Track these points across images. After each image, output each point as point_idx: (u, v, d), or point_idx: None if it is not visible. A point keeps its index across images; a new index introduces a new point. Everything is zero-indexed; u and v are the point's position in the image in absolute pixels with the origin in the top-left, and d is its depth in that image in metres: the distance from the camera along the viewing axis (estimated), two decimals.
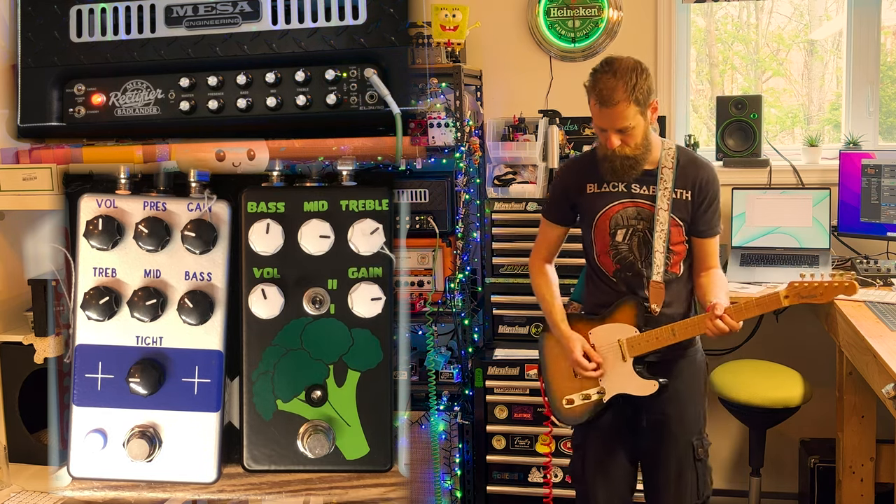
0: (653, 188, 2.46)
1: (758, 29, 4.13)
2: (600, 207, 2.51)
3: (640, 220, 2.47)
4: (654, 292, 2.46)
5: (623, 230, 2.49)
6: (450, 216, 3.40)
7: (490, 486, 3.42)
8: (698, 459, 2.54)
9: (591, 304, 2.62)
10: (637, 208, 2.47)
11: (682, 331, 2.40)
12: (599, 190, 2.51)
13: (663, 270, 2.45)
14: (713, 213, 2.49)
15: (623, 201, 2.48)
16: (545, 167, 3.46)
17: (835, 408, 3.33)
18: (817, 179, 3.62)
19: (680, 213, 2.46)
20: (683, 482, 2.53)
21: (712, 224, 2.50)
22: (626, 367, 2.45)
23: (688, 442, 2.53)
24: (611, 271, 2.53)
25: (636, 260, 2.48)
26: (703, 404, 2.60)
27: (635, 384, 2.45)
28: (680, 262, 2.50)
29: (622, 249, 2.49)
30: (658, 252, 2.44)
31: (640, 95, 2.33)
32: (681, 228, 2.47)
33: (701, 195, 2.46)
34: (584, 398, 2.52)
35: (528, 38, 3.82)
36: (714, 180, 2.49)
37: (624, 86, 2.31)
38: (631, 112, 2.33)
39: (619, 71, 2.33)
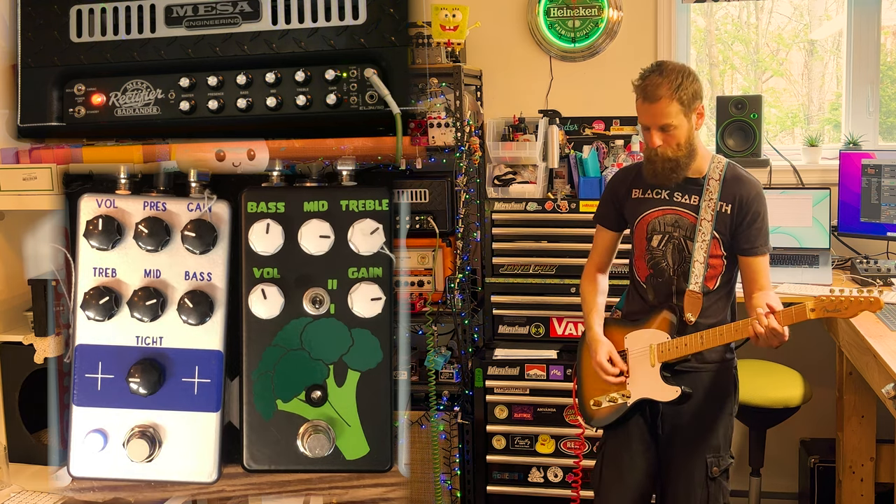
0: (695, 198, 2.45)
1: (758, 29, 4.13)
2: (641, 212, 2.52)
3: (678, 227, 2.47)
4: (690, 302, 2.44)
5: (659, 236, 2.49)
6: (450, 216, 3.40)
7: (490, 486, 3.42)
8: (711, 478, 2.49)
9: (626, 310, 2.63)
10: (676, 216, 2.47)
11: (710, 338, 2.37)
12: (643, 196, 2.53)
13: (701, 281, 2.43)
14: (756, 231, 2.44)
15: (663, 208, 2.49)
16: (545, 167, 3.45)
17: (835, 408, 3.34)
18: (817, 179, 3.62)
19: (720, 225, 2.43)
20: (692, 498, 2.50)
21: (756, 243, 2.44)
22: (653, 372, 2.44)
23: (702, 458, 2.49)
24: (643, 277, 2.54)
25: (668, 267, 2.48)
26: (728, 423, 2.55)
27: (659, 389, 2.43)
28: (716, 276, 2.47)
29: (656, 255, 2.50)
30: (697, 262, 2.43)
31: (684, 95, 2.35)
32: (719, 242, 2.45)
33: (742, 211, 2.42)
34: (609, 401, 2.52)
35: (528, 38, 3.82)
36: (757, 197, 2.44)
37: (669, 84, 2.34)
38: (673, 110, 2.34)
39: (665, 70, 2.37)
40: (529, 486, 3.39)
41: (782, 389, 3.16)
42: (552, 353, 3.34)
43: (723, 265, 2.47)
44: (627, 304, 2.65)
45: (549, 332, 3.40)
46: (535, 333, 3.42)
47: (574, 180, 3.46)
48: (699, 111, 2.41)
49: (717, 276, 2.47)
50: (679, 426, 2.51)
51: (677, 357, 2.42)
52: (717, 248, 2.45)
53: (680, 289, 2.47)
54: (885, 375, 2.35)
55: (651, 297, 2.52)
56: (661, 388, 2.43)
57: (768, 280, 2.47)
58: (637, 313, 2.56)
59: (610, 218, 2.65)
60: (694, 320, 2.44)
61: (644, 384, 2.46)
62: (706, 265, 2.44)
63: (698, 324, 2.44)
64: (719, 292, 2.49)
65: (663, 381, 2.43)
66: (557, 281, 3.34)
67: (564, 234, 3.34)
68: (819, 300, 2.24)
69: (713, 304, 2.48)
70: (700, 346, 2.38)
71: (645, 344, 2.47)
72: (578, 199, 3.32)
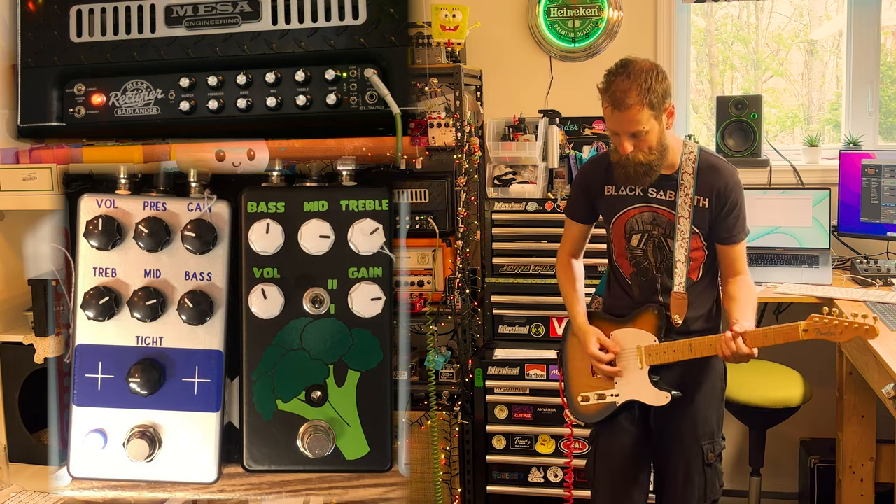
0: (671, 193, 2.42)
1: (758, 29, 4.13)
2: (616, 211, 2.49)
3: (656, 225, 2.45)
4: (675, 303, 2.43)
5: (638, 235, 2.47)
6: (450, 216, 3.40)
7: (490, 486, 3.42)
8: (708, 464, 2.51)
9: (610, 303, 2.61)
10: (653, 213, 2.45)
11: (699, 348, 2.37)
12: (616, 193, 2.49)
13: (685, 279, 2.42)
14: (735, 219, 2.42)
15: (639, 206, 2.46)
16: (545, 167, 3.46)
17: (835, 408, 3.33)
18: (817, 179, 3.62)
19: (698, 220, 2.41)
20: (691, 485, 2.51)
21: (735, 231, 2.43)
22: (641, 375, 2.44)
23: (698, 446, 2.50)
24: (628, 274, 2.53)
25: (651, 266, 2.47)
26: (719, 408, 2.56)
27: (648, 393, 2.43)
28: (698, 267, 2.47)
29: (637, 254, 2.49)
30: (679, 262, 2.41)
31: (654, 99, 2.27)
32: (698, 236, 2.44)
33: (720, 202, 2.40)
34: (598, 397, 2.52)
35: (528, 38, 3.82)
36: (734, 186, 2.42)
37: (637, 88, 2.25)
38: (644, 116, 2.27)
39: (633, 73, 2.28)
40: (529, 486, 3.39)
41: (782, 389, 3.16)
42: (552, 353, 3.33)
43: (704, 255, 2.47)
44: (609, 296, 2.62)
45: (549, 332, 3.40)
46: (535, 333, 3.42)
47: None
48: (670, 110, 2.34)
49: (699, 267, 2.47)
50: (672, 418, 2.51)
51: (665, 362, 2.42)
52: (697, 240, 2.44)
53: (665, 286, 2.46)
54: (885, 375, 2.34)
55: (637, 293, 2.51)
56: (651, 392, 2.43)
57: (744, 264, 2.46)
58: (621, 308, 2.54)
59: (582, 211, 2.61)
60: (681, 322, 2.43)
61: (633, 386, 2.46)
62: (688, 262, 2.43)
63: (685, 319, 2.44)
64: (703, 281, 2.49)
65: (653, 385, 2.42)
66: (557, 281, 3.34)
67: None
68: (812, 321, 2.22)
69: (699, 296, 2.48)
70: (689, 354, 2.38)
71: (632, 344, 2.46)
72: None
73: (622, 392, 2.48)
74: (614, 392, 2.49)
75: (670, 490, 2.55)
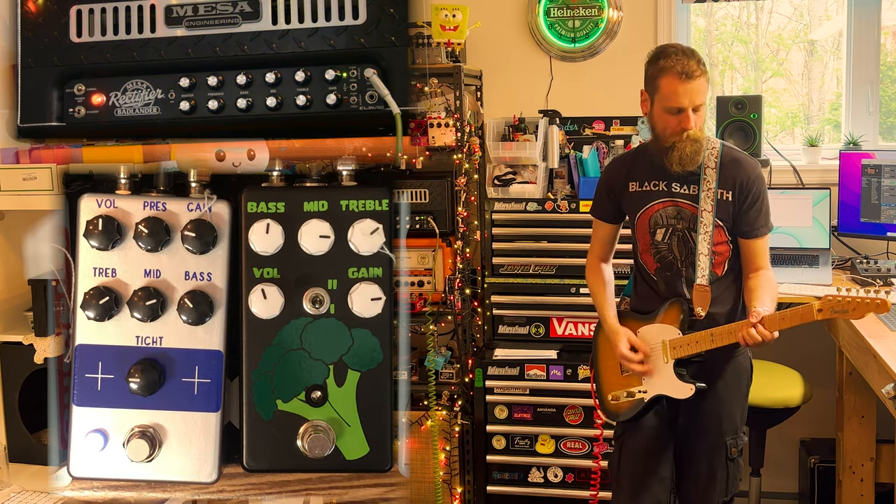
0: (694, 188, 2.43)
1: (758, 29, 4.13)
2: (641, 206, 2.50)
3: (680, 219, 2.46)
4: (698, 295, 2.44)
5: (662, 230, 2.48)
6: (450, 216, 3.40)
7: (490, 486, 3.42)
8: (731, 459, 2.53)
9: (636, 301, 2.63)
10: (677, 208, 2.46)
11: (720, 336, 2.37)
12: (641, 188, 2.51)
13: (708, 273, 2.43)
14: (756, 213, 2.43)
15: (663, 200, 2.47)
16: (545, 167, 3.46)
17: (835, 408, 3.33)
18: (817, 179, 3.62)
19: (722, 213, 2.42)
20: (714, 480, 2.53)
21: (756, 225, 2.43)
22: (667, 369, 2.45)
23: (722, 441, 2.52)
24: (652, 270, 2.53)
25: (675, 259, 2.48)
26: (744, 405, 2.58)
27: (674, 386, 2.44)
28: (723, 262, 2.47)
29: (662, 249, 2.49)
30: (702, 255, 2.42)
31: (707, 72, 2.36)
32: (722, 229, 2.44)
33: (742, 195, 2.41)
34: (627, 395, 2.53)
35: (528, 38, 3.82)
36: (756, 179, 2.43)
37: (697, 62, 2.33)
38: (705, 87, 2.34)
39: (684, 50, 2.35)
40: (529, 487, 3.39)
41: (782, 389, 3.16)
42: (552, 353, 3.34)
43: (729, 250, 2.47)
44: (636, 295, 2.64)
45: (549, 332, 3.40)
46: (535, 333, 3.42)
47: (574, 180, 3.46)
48: None
49: (724, 262, 2.47)
50: (697, 413, 2.52)
51: (689, 354, 2.43)
52: (722, 234, 2.45)
53: (689, 279, 2.46)
54: (885, 375, 2.35)
55: (662, 288, 2.52)
56: (676, 385, 2.44)
57: (766, 259, 2.46)
58: (648, 305, 2.55)
59: (608, 211, 2.63)
60: (704, 314, 2.44)
61: (659, 380, 2.47)
62: (711, 256, 2.43)
63: (709, 315, 2.44)
64: (728, 277, 2.49)
65: (678, 378, 2.44)
66: (557, 281, 3.34)
67: (564, 234, 3.34)
68: (826, 300, 2.23)
69: (723, 292, 2.48)
70: (710, 343, 2.39)
71: (657, 339, 2.47)
72: (578, 199, 3.32)
73: (650, 388, 2.49)
74: (642, 388, 2.50)
75: (693, 483, 2.57)
